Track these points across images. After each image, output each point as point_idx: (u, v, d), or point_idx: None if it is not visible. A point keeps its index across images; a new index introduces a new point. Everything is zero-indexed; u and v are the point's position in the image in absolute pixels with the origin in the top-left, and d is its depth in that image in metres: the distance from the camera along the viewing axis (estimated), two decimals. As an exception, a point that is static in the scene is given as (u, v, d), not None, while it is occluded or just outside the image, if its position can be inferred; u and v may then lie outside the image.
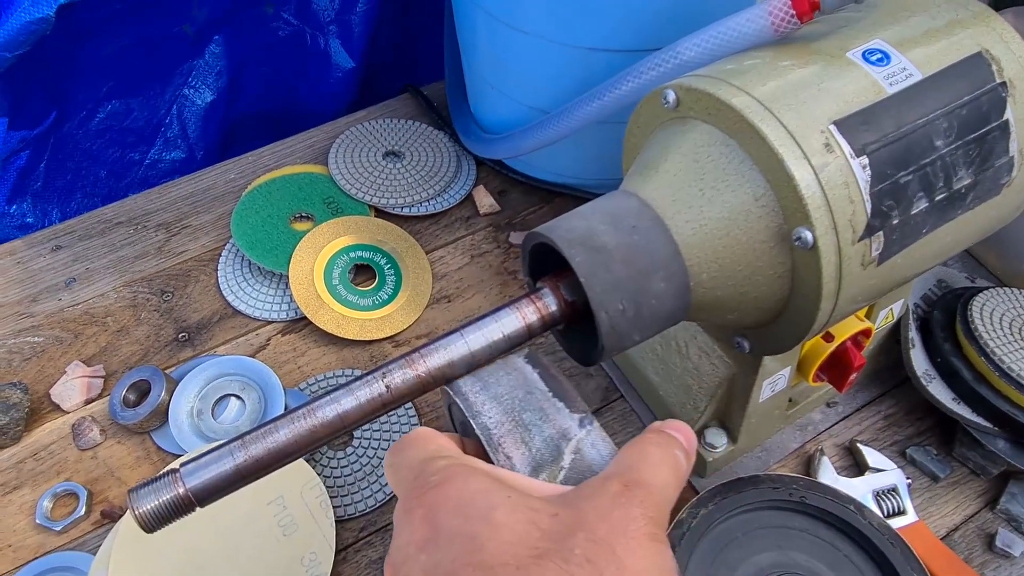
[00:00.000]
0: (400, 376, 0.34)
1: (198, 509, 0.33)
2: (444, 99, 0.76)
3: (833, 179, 0.34)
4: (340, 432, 0.34)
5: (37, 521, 0.52)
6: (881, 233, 0.36)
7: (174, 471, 0.33)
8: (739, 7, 0.50)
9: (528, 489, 0.28)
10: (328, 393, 0.34)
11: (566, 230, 0.36)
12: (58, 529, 0.51)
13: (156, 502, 0.32)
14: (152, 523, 0.32)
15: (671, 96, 0.39)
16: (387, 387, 0.34)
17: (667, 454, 0.29)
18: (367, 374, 0.34)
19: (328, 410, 0.34)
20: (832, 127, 0.35)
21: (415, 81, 0.80)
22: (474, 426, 0.33)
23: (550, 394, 0.34)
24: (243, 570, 0.49)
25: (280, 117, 0.86)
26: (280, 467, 0.34)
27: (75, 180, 0.76)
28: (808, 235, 0.34)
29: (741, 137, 0.36)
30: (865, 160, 0.35)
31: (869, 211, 0.35)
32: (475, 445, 0.34)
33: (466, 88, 0.72)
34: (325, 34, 0.81)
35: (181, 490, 0.32)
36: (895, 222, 0.36)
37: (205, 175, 0.73)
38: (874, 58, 0.38)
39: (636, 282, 0.35)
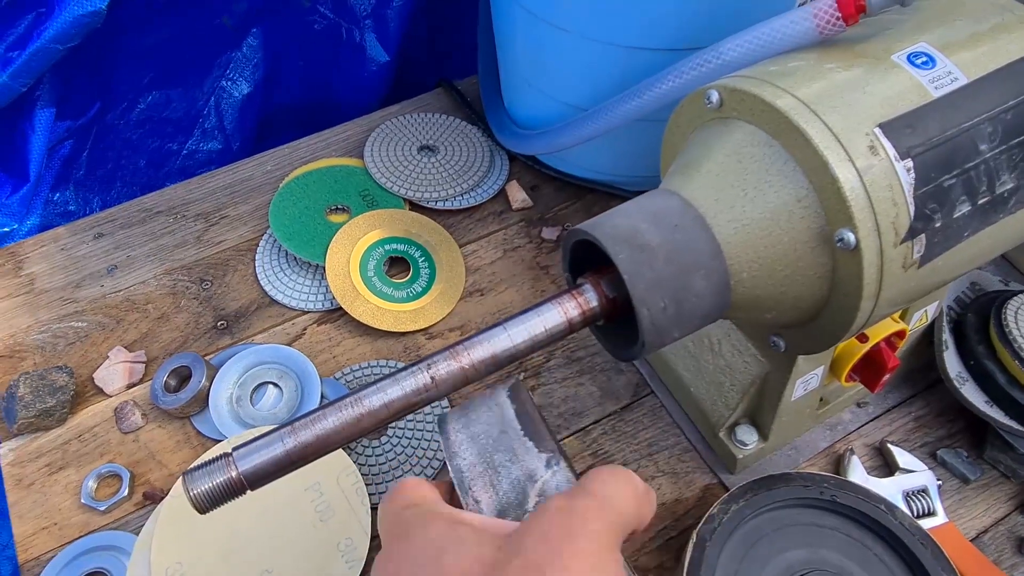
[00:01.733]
0: (445, 368, 0.35)
1: (248, 492, 0.34)
2: (477, 94, 0.77)
3: (877, 181, 0.35)
4: (385, 421, 0.35)
5: (82, 501, 0.53)
6: (923, 236, 0.36)
7: (227, 455, 0.34)
8: (780, 7, 0.50)
9: (491, 528, 0.29)
10: (374, 383, 0.35)
11: (610, 228, 0.36)
12: (102, 509, 0.53)
13: (210, 484, 0.33)
14: (205, 504, 0.33)
15: (714, 96, 0.39)
16: (432, 378, 0.35)
17: (619, 472, 0.29)
18: (412, 365, 0.35)
19: (375, 399, 0.35)
20: (877, 130, 0.35)
21: (446, 76, 0.81)
22: (450, 469, 0.34)
23: (522, 432, 0.34)
24: (281, 553, 0.50)
25: (314, 110, 0.87)
26: (326, 454, 0.35)
27: (115, 169, 0.78)
28: (851, 236, 0.35)
29: (785, 138, 0.36)
30: (909, 163, 0.35)
31: (912, 214, 0.35)
32: (449, 486, 0.35)
33: (501, 84, 0.72)
34: (361, 28, 0.82)
35: (234, 473, 0.33)
36: (937, 225, 0.36)
37: (243, 166, 0.75)
38: (919, 61, 0.38)
39: (678, 280, 0.36)
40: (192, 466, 0.34)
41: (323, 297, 0.64)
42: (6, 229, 0.67)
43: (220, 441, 0.56)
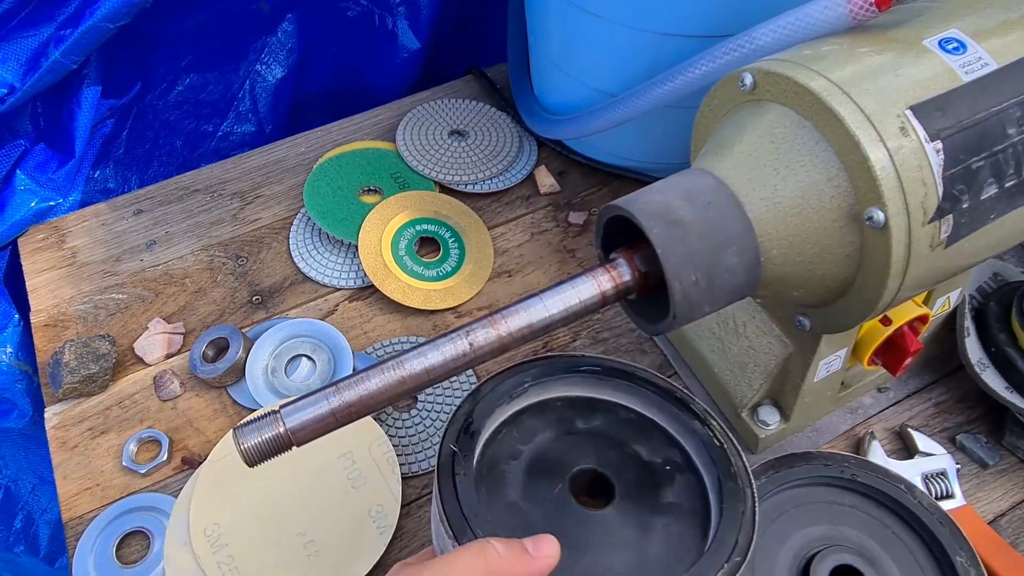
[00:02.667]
0: (483, 335, 0.37)
1: (294, 448, 0.36)
2: (507, 81, 0.78)
3: (907, 162, 0.36)
4: (425, 385, 0.37)
5: (123, 463, 0.55)
6: (951, 216, 0.37)
7: (275, 412, 0.35)
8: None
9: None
10: (413, 348, 0.37)
11: (644, 203, 0.38)
12: (143, 472, 0.55)
13: (259, 439, 0.35)
14: (254, 457, 0.35)
15: (748, 79, 0.40)
16: (470, 345, 0.37)
17: (472, 545, 0.32)
18: (451, 332, 0.37)
19: (415, 363, 0.36)
20: (908, 112, 0.36)
21: (475, 63, 0.82)
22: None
23: (439, 517, 0.36)
24: (315, 518, 0.52)
25: (345, 95, 0.89)
26: (368, 414, 0.36)
27: (153, 149, 0.80)
28: (880, 215, 0.36)
29: (817, 119, 0.37)
30: (939, 145, 0.36)
31: (941, 194, 0.36)
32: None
33: (531, 70, 0.74)
34: (393, 15, 0.83)
35: (281, 429, 0.35)
36: (965, 206, 0.37)
37: (277, 148, 0.76)
38: (950, 47, 0.39)
39: (710, 255, 0.37)
40: (242, 422, 0.35)
41: (355, 275, 0.66)
42: (51, 203, 0.70)
43: (255, 410, 0.58)
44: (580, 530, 0.37)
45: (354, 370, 0.60)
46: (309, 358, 0.60)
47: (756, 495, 0.38)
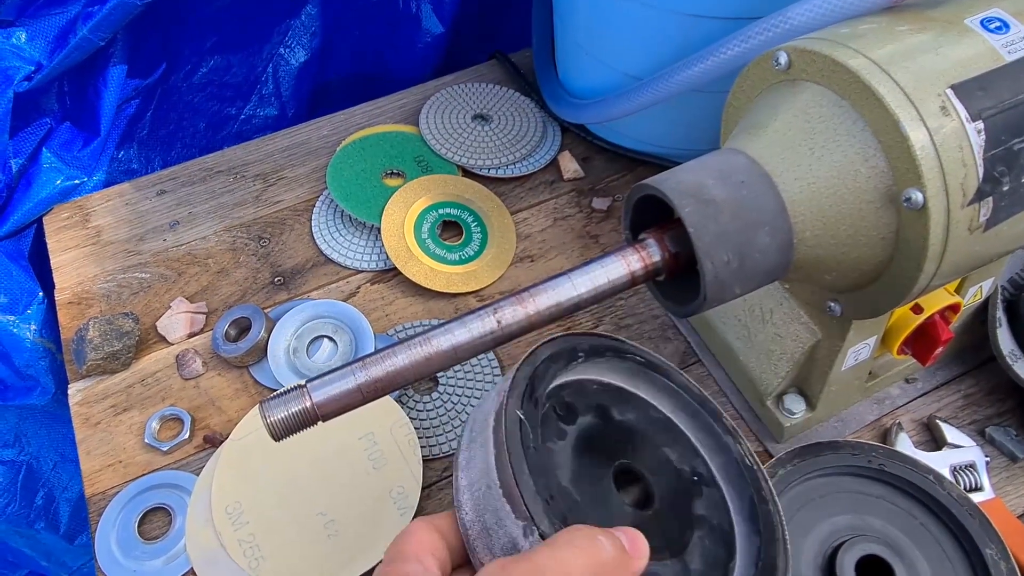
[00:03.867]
0: (511, 313, 0.36)
1: (320, 423, 0.36)
2: (531, 66, 0.77)
3: (947, 142, 0.35)
4: (451, 363, 0.36)
5: (145, 440, 0.56)
6: (991, 199, 0.36)
7: (302, 385, 0.35)
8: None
9: None
10: (440, 325, 0.36)
11: (675, 183, 0.37)
12: (165, 449, 0.55)
13: (285, 412, 0.35)
14: (280, 431, 0.35)
15: (783, 58, 0.40)
16: (498, 322, 0.36)
17: (578, 537, 0.28)
18: (478, 309, 0.36)
19: (442, 340, 0.36)
20: (949, 91, 0.35)
21: (498, 48, 0.81)
22: (456, 518, 0.33)
23: (501, 492, 0.32)
24: (336, 497, 0.52)
25: (368, 79, 0.89)
26: (394, 391, 0.36)
27: (176, 130, 0.80)
28: (919, 196, 0.35)
29: (855, 98, 0.37)
30: (980, 125, 0.35)
31: (981, 175, 0.35)
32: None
33: (555, 53, 0.73)
34: (417, -1, 0.83)
35: (308, 403, 0.35)
36: (1005, 188, 0.36)
37: (300, 130, 0.76)
38: (993, 26, 0.38)
39: (742, 235, 0.36)
40: (270, 396, 0.35)
41: (377, 257, 0.66)
42: (76, 182, 0.70)
43: (276, 390, 0.58)
44: None
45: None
46: (331, 339, 0.60)
47: (785, 521, 0.37)
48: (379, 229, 0.65)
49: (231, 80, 0.82)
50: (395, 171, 0.70)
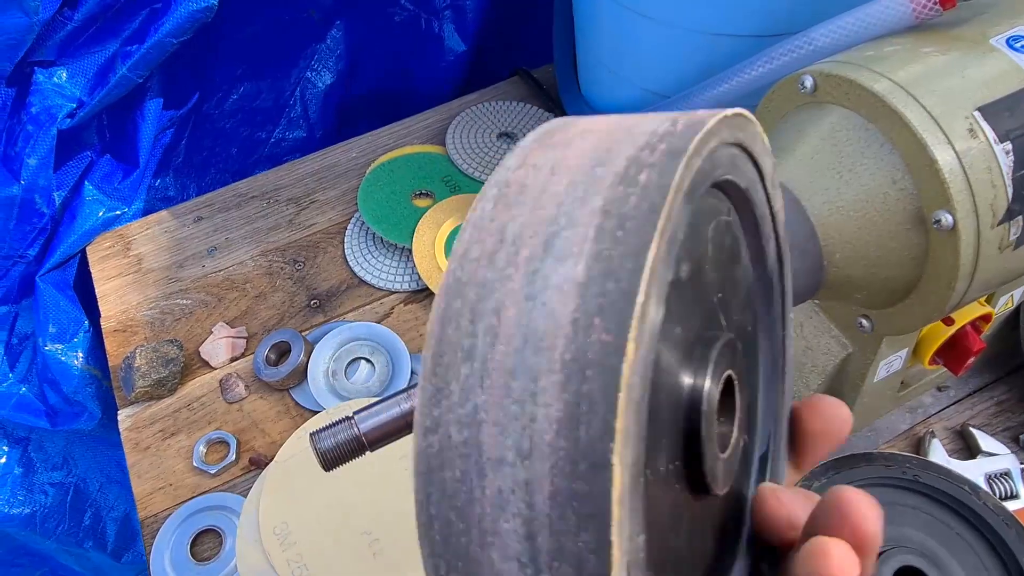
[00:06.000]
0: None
1: (368, 452, 0.37)
2: (553, 83, 0.78)
3: (976, 164, 0.35)
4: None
5: (194, 464, 0.58)
6: (1020, 218, 0.37)
7: (349, 418, 0.37)
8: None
9: None
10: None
11: (706, 209, 0.38)
12: (212, 472, 0.57)
13: (334, 443, 0.36)
14: (330, 462, 0.37)
15: (808, 81, 0.40)
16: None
17: None
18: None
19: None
20: (976, 113, 0.36)
21: (519, 64, 0.83)
22: None
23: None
24: (381, 517, 0.53)
25: (393, 99, 0.90)
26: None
27: (210, 156, 0.82)
28: (948, 218, 0.35)
29: (882, 121, 0.37)
30: (1008, 146, 0.36)
31: (1010, 196, 0.36)
32: None
33: (578, 70, 0.74)
34: (440, 19, 0.84)
35: (356, 433, 0.36)
36: (1035, 207, 0.37)
37: (329, 153, 0.78)
38: (1018, 44, 0.38)
39: (773, 259, 0.37)
40: (319, 427, 0.37)
41: (409, 278, 0.67)
42: (117, 212, 0.72)
43: (317, 412, 0.60)
44: None
45: (412, 372, 0.61)
46: (368, 360, 0.62)
47: None
48: (410, 250, 0.66)
49: (261, 105, 0.84)
50: (424, 192, 0.72)
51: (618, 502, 0.14)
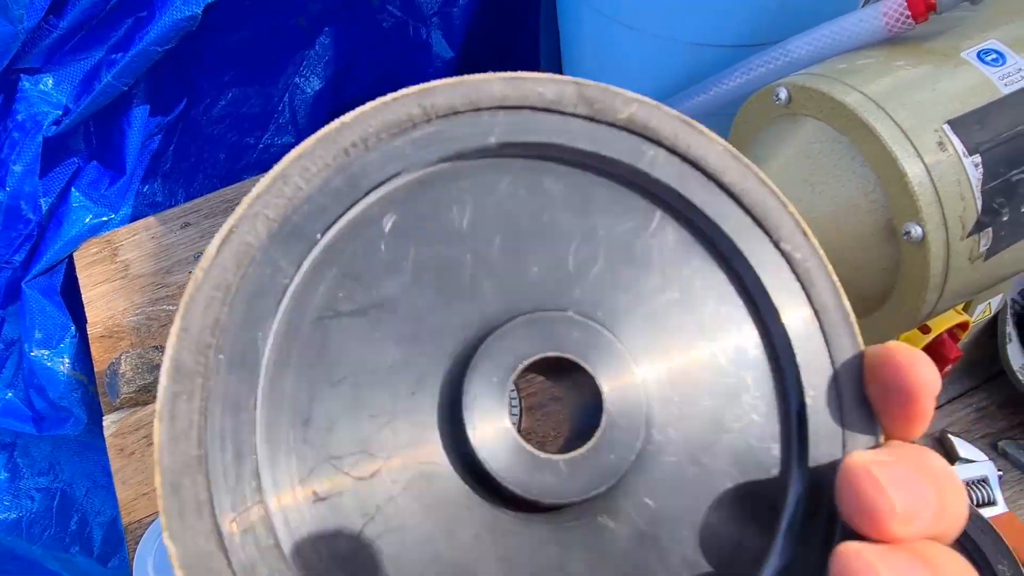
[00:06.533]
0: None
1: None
2: (540, 89, 0.79)
3: (945, 176, 0.36)
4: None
5: (178, 470, 0.58)
6: (990, 229, 0.37)
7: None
8: (846, 2, 0.51)
9: None
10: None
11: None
12: (196, 478, 0.57)
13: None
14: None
15: (783, 94, 0.41)
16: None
17: None
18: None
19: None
20: (946, 126, 0.36)
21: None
22: None
23: None
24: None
25: (381, 105, 0.91)
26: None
27: (198, 163, 0.82)
28: (918, 230, 0.36)
29: (853, 134, 0.38)
30: (978, 158, 0.36)
31: (979, 208, 0.36)
32: None
33: (564, 79, 0.74)
34: (428, 25, 0.85)
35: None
36: (1004, 219, 0.37)
37: (316, 159, 0.78)
38: (989, 58, 0.39)
39: (747, 270, 0.37)
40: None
41: (395, 285, 0.67)
42: (104, 218, 0.72)
43: (302, 418, 0.60)
44: None
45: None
46: (352, 367, 0.62)
47: None
48: (396, 257, 0.67)
49: (249, 111, 0.84)
50: (410, 199, 0.72)
51: None
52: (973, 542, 0.47)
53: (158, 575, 0.53)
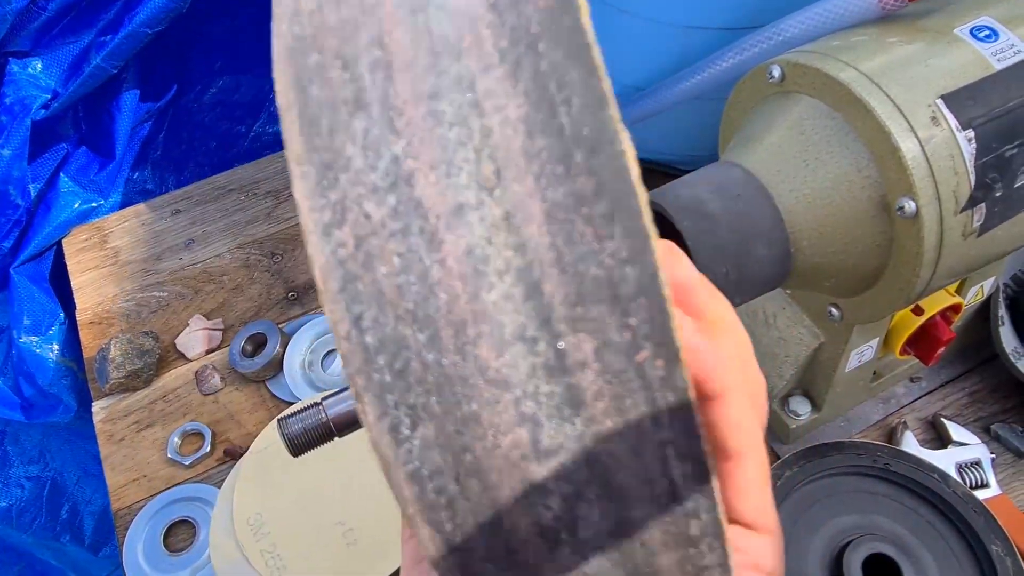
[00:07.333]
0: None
1: (336, 438, 0.37)
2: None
3: (938, 151, 0.36)
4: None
5: (168, 456, 0.57)
6: (983, 205, 0.37)
7: (318, 403, 0.37)
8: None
9: None
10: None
11: (673, 197, 0.38)
12: (187, 464, 0.57)
13: (302, 428, 0.36)
14: (298, 447, 0.36)
15: (776, 71, 0.41)
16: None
17: None
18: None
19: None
20: (939, 101, 0.36)
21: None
22: None
23: None
24: (355, 507, 0.53)
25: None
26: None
27: (189, 150, 0.82)
28: (911, 205, 0.36)
29: (847, 110, 0.37)
30: (971, 133, 0.36)
31: (973, 183, 0.36)
32: None
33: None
34: (420, 13, 0.85)
35: (324, 419, 0.36)
36: (998, 194, 0.37)
37: (309, 146, 0.78)
38: (982, 35, 0.39)
39: (740, 247, 0.37)
40: (286, 413, 0.37)
41: (387, 271, 0.67)
42: (93, 204, 0.72)
43: (293, 403, 0.59)
44: None
45: (388, 364, 0.61)
46: (344, 352, 0.62)
47: None
48: (389, 243, 0.66)
49: (240, 99, 0.83)
50: (403, 185, 0.72)
51: (639, 182, 0.11)
52: (967, 523, 0.47)
53: (147, 561, 0.53)
